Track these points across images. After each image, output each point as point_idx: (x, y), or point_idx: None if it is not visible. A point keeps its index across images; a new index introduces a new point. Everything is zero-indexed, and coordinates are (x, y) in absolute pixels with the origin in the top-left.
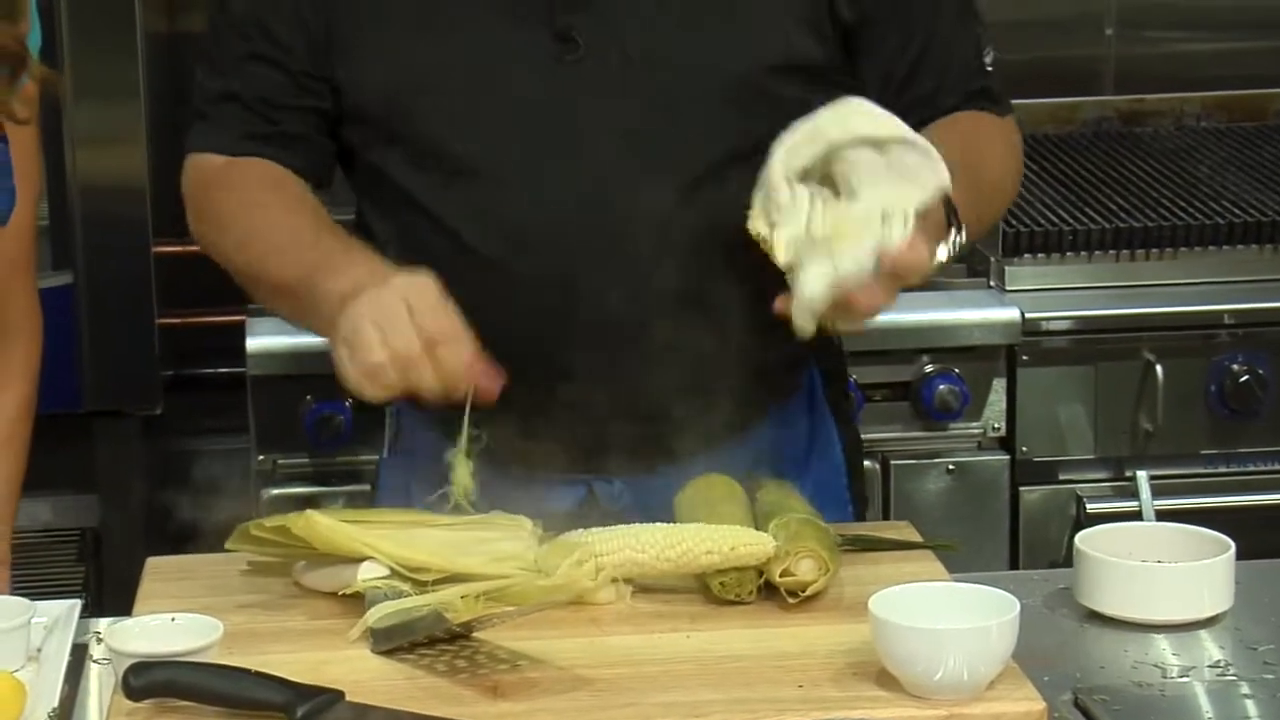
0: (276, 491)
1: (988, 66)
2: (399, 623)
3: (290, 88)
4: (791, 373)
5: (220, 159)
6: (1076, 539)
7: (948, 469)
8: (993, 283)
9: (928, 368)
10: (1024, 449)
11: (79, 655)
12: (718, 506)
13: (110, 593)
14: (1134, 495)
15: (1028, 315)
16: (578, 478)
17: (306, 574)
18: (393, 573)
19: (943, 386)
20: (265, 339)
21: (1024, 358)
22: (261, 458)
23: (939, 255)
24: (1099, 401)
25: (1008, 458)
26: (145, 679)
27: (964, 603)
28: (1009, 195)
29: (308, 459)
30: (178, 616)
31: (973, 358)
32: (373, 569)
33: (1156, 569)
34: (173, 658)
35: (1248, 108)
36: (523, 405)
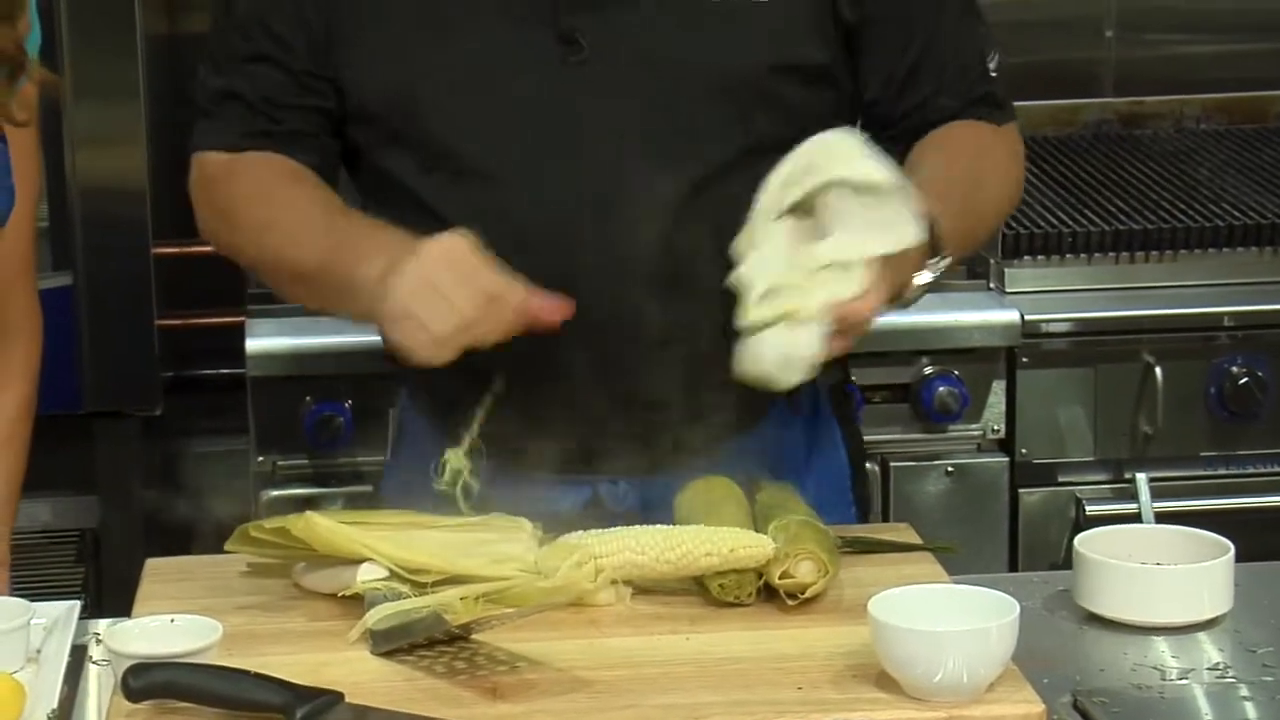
0: (276, 493)
1: (992, 72)
2: (398, 624)
3: (292, 87)
4: None
5: (225, 155)
6: (1076, 541)
7: (947, 471)
8: (992, 285)
9: (927, 369)
10: (1023, 451)
11: (78, 656)
12: (717, 508)
13: (110, 594)
14: (1133, 497)
15: (1027, 317)
16: (581, 478)
17: (306, 575)
18: (392, 574)
19: (942, 388)
20: (265, 340)
21: (1024, 360)
22: (261, 459)
23: (922, 278)
24: (1098, 404)
25: (1007, 460)
26: (144, 680)
27: (963, 605)
28: (1007, 207)
29: (307, 460)
30: (177, 618)
31: (972, 359)
32: (372, 570)
33: (1156, 571)
34: (172, 659)
35: (1248, 110)
36: (524, 405)
